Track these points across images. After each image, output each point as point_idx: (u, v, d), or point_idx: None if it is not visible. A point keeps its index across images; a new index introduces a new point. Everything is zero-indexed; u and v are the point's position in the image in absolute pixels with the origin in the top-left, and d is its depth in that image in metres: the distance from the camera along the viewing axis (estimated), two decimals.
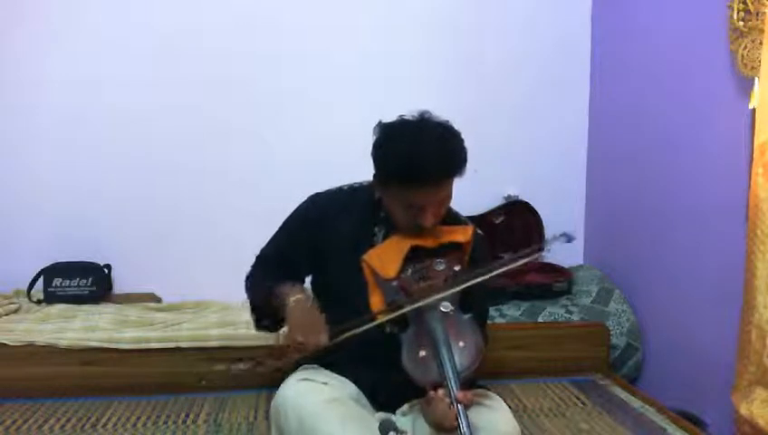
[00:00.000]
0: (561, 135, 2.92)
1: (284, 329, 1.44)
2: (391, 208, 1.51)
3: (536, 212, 2.85)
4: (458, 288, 1.44)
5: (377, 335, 1.44)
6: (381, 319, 1.43)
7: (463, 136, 1.48)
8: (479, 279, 1.45)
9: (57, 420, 2.03)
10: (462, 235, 1.54)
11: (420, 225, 1.47)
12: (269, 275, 1.58)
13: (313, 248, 1.59)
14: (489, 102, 2.82)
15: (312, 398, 1.36)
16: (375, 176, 1.53)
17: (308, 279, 1.68)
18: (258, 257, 1.67)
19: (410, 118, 1.49)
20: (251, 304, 1.61)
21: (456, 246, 1.53)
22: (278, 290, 1.49)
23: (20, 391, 2.17)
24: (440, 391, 1.27)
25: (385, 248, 1.52)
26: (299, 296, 1.45)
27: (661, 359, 2.42)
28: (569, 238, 1.46)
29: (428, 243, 1.51)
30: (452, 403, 1.24)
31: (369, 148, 1.53)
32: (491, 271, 1.46)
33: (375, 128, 1.51)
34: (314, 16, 2.73)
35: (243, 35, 2.69)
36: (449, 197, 1.50)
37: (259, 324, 1.63)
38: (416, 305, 1.40)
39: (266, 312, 1.56)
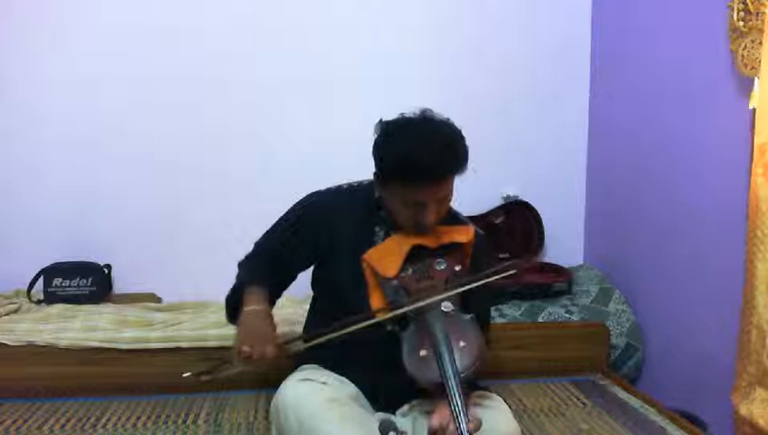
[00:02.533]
0: (561, 135, 2.92)
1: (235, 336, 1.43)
2: (392, 206, 1.51)
3: (536, 212, 2.85)
4: (461, 289, 1.44)
5: (377, 335, 1.44)
6: (381, 318, 1.43)
7: (463, 135, 1.48)
8: (483, 281, 1.45)
9: (57, 420, 2.03)
10: (463, 235, 1.54)
11: (421, 223, 1.47)
12: (260, 269, 1.58)
13: (312, 247, 1.59)
14: (489, 102, 2.82)
15: (312, 398, 1.36)
16: (375, 174, 1.53)
17: (304, 276, 1.68)
18: (254, 248, 1.66)
19: (411, 115, 1.49)
20: (230, 291, 1.58)
21: (456, 247, 1.53)
22: (243, 296, 1.49)
23: (20, 391, 2.17)
24: (451, 427, 1.22)
25: (386, 247, 1.52)
26: (255, 307, 1.44)
27: (661, 359, 2.42)
28: None
29: (429, 242, 1.51)
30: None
31: (370, 148, 1.53)
32: (494, 274, 1.46)
33: (376, 125, 1.51)
34: (314, 16, 2.73)
35: (243, 35, 2.69)
36: (450, 195, 1.50)
37: (228, 314, 1.60)
38: (417, 305, 1.40)
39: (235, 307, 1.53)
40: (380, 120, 1.51)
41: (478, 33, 2.83)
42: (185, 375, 1.41)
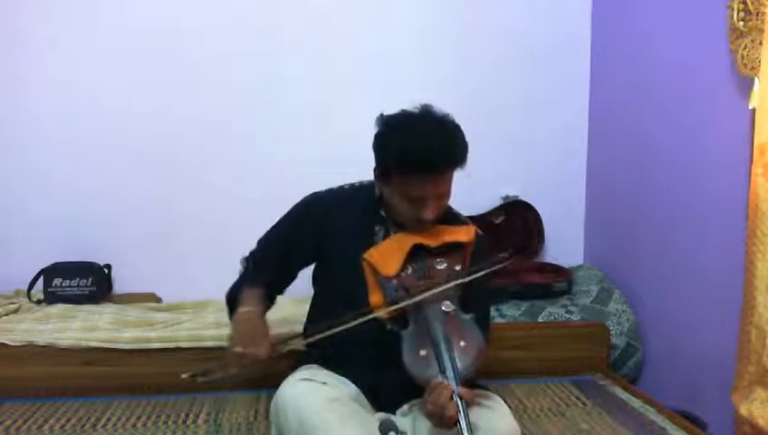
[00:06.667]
0: (561, 135, 2.92)
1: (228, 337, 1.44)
2: (392, 203, 1.51)
3: (536, 211, 2.85)
4: (459, 281, 1.45)
5: (377, 335, 1.44)
6: (379, 313, 1.43)
7: (462, 130, 1.49)
8: (480, 273, 1.46)
9: (57, 420, 2.03)
10: (464, 235, 1.55)
11: (421, 218, 1.47)
12: (260, 268, 1.59)
13: (312, 246, 1.60)
14: (489, 102, 2.81)
15: (312, 398, 1.36)
16: (376, 169, 1.53)
17: (305, 275, 1.68)
18: (256, 245, 1.67)
19: (412, 110, 1.50)
20: (230, 289, 1.59)
21: (457, 246, 1.53)
22: (240, 295, 1.49)
23: (20, 391, 2.17)
24: (444, 379, 1.25)
25: (387, 247, 1.53)
26: (248, 308, 1.45)
27: (661, 359, 2.42)
28: None
29: (431, 242, 1.51)
30: (453, 397, 1.22)
31: (368, 149, 1.53)
32: (489, 266, 1.47)
33: (376, 120, 1.51)
34: (314, 16, 2.73)
35: (242, 36, 2.69)
36: (449, 190, 1.51)
37: (229, 313, 1.60)
38: (415, 299, 1.41)
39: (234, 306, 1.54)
40: (381, 115, 1.52)
41: (478, 33, 2.83)
42: (183, 376, 1.42)
